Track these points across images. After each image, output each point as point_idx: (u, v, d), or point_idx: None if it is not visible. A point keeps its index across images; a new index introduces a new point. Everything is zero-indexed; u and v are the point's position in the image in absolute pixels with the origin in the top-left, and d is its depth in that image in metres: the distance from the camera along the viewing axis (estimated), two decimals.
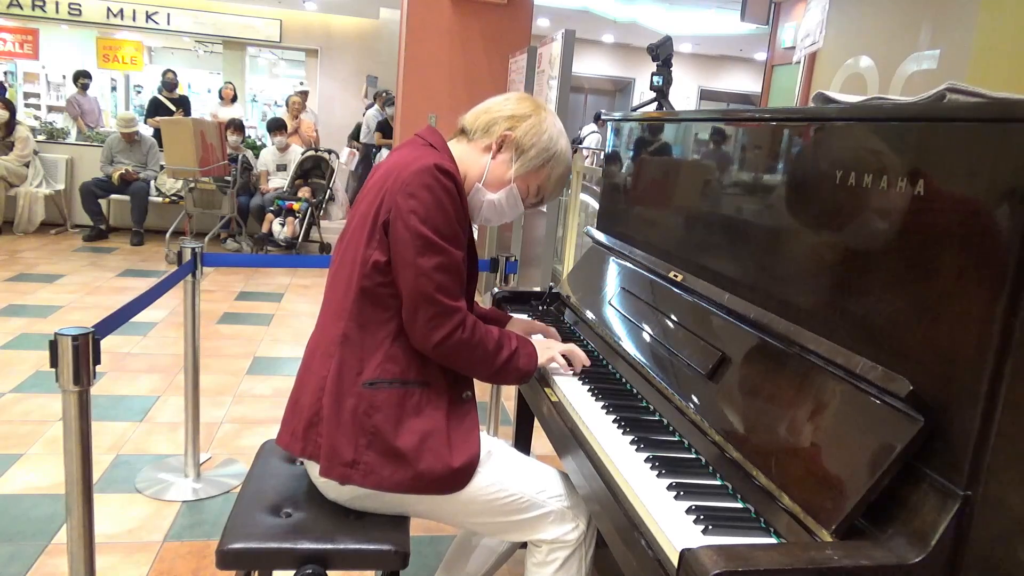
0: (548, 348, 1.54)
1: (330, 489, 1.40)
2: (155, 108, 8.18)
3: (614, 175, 2.05)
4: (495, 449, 1.44)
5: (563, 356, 1.55)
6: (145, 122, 7.96)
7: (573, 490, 1.42)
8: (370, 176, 1.46)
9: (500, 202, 1.47)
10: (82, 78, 8.56)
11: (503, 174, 1.45)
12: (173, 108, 8.13)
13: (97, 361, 1.46)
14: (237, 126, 6.66)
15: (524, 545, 1.46)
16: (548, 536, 1.39)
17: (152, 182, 6.52)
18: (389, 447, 1.32)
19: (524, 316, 1.96)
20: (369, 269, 1.33)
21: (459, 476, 1.34)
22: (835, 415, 0.99)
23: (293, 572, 1.30)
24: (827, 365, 1.03)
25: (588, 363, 1.56)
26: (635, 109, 2.39)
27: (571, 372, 1.55)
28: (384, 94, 9.05)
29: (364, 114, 9.60)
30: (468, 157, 1.46)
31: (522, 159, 1.44)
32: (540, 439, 2.77)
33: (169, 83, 8.51)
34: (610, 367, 1.62)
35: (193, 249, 2.38)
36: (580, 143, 2.87)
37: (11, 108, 6.39)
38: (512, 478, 1.40)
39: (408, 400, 1.35)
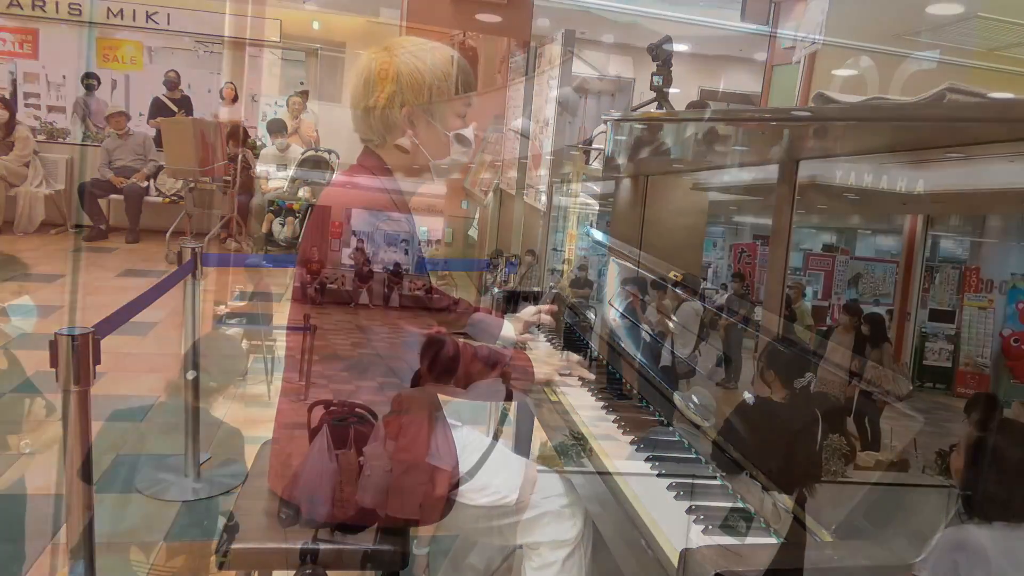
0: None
1: None
2: (157, 109, 8.13)
3: (614, 175, 2.05)
4: (492, 451, 1.43)
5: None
6: (148, 123, 7.95)
7: (571, 489, 1.41)
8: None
9: (451, 159, 1.44)
10: (88, 79, 8.55)
11: (437, 137, 1.41)
12: (175, 109, 8.10)
13: (97, 361, 1.46)
14: (239, 140, 6.55)
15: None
16: (545, 538, 1.39)
17: (152, 181, 6.52)
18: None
19: (529, 308, 1.94)
20: None
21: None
22: (836, 414, 0.99)
23: (293, 572, 1.30)
24: (827, 364, 1.03)
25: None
26: (635, 109, 2.39)
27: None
28: None
29: None
30: (400, 154, 1.42)
31: (432, 112, 1.38)
32: (540, 437, 2.77)
33: (170, 83, 8.45)
34: (610, 367, 1.62)
35: (193, 249, 2.38)
36: (591, 144, 2.86)
37: (11, 108, 6.39)
38: (506, 481, 1.38)
39: None
